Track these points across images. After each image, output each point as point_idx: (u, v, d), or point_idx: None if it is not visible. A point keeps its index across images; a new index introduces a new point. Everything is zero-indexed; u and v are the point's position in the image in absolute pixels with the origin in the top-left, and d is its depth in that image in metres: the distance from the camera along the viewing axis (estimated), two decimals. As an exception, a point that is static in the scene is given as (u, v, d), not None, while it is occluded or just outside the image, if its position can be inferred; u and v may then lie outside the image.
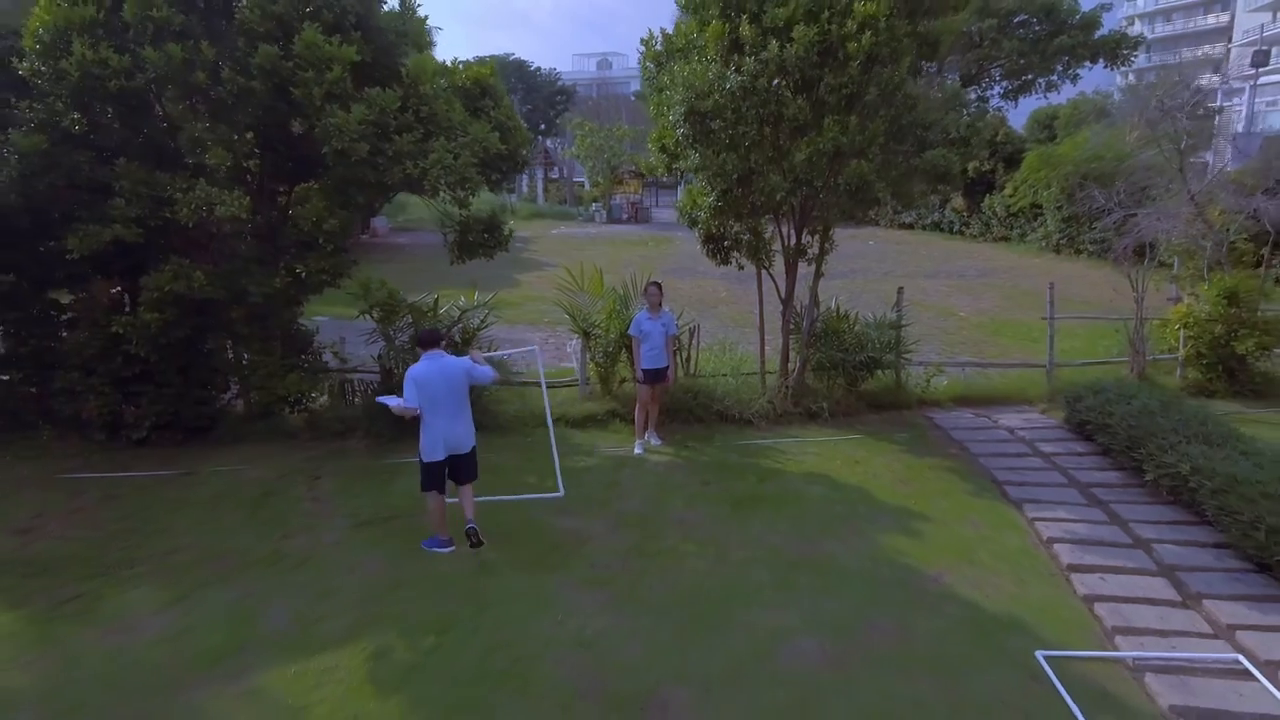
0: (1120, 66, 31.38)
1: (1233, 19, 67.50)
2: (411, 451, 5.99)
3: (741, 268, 8.77)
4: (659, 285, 7.69)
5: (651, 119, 8.43)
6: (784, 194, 7.00)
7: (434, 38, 7.84)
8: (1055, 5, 28.66)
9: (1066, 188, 17.09)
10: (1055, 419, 8.55)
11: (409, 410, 5.38)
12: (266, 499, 6.65)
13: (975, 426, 8.47)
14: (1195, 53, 70.20)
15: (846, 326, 8.70)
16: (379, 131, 6.50)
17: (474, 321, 8.25)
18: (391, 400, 5.54)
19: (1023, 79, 32.64)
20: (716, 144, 7.11)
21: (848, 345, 8.53)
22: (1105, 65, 30.64)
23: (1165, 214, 9.35)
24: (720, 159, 7.21)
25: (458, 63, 8.13)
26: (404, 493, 6.57)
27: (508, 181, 10.67)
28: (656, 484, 6.93)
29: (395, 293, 7.46)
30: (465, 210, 7.65)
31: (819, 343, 8.60)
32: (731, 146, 7.05)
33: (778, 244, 8.44)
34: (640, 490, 6.80)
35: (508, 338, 11.60)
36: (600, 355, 8.67)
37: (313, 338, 8.25)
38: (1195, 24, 72.37)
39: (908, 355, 9.28)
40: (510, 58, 75.74)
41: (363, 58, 6.50)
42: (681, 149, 7.69)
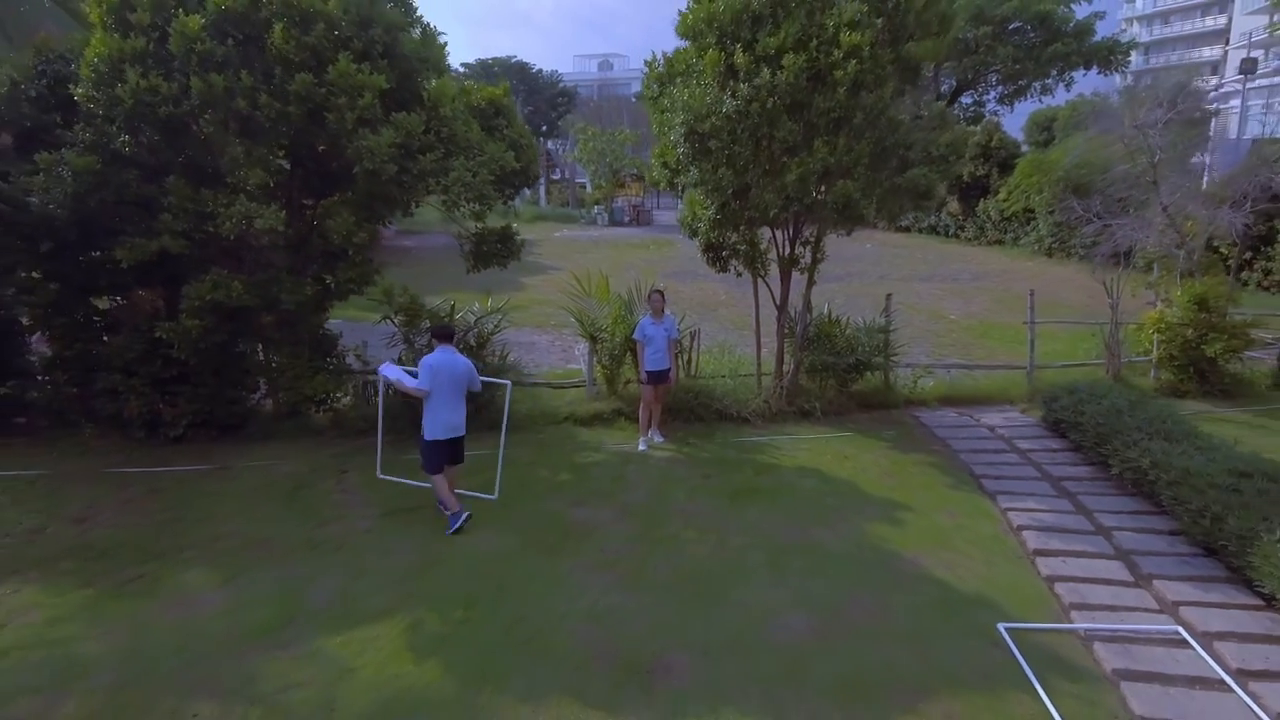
0: (1113, 72, 31.97)
1: (1230, 21, 67.91)
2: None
3: (739, 275, 9.32)
4: (662, 293, 8.24)
5: (654, 136, 8.97)
6: (777, 210, 7.55)
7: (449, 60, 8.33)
8: (1049, 13, 29.29)
9: (1057, 193, 17.61)
10: (1034, 418, 9.10)
11: (416, 390, 6.17)
12: (299, 491, 7.21)
13: (958, 425, 9.02)
14: (1193, 55, 70.76)
15: (838, 331, 9.25)
16: (405, 152, 7.06)
17: (488, 327, 8.78)
18: (393, 372, 6.31)
19: (1018, 84, 33.31)
20: (714, 161, 7.67)
21: (839, 348, 9.08)
22: (1099, 71, 31.25)
23: (1140, 224, 9.88)
24: (718, 175, 7.77)
25: (473, 84, 8.68)
26: (426, 486, 7.12)
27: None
28: (660, 477, 7.49)
29: (417, 299, 8.02)
30: (481, 223, 8.20)
31: (812, 346, 9.15)
32: (728, 164, 7.61)
33: (773, 253, 8.98)
34: (645, 483, 7.35)
35: (516, 340, 12.13)
36: (606, 358, 9.21)
37: (337, 341, 8.79)
38: (1193, 26, 72.75)
39: (895, 358, 9.82)
40: (512, 60, 76.21)
41: (390, 84, 7.05)
42: (682, 165, 8.23)
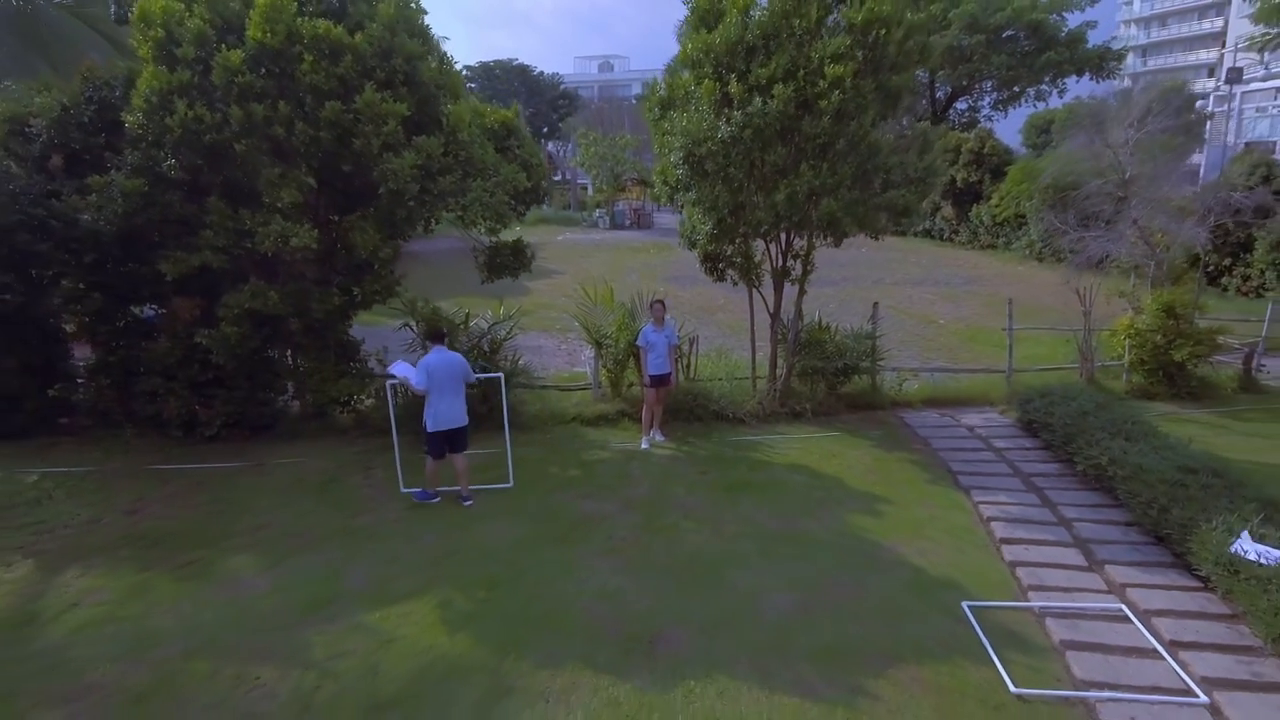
0: (1106, 79, 32.58)
1: (1227, 24, 68.46)
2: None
3: (735, 284, 9.94)
4: (663, 303, 8.85)
5: (656, 154, 9.58)
6: (769, 226, 8.17)
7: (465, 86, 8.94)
8: (1042, 22, 29.90)
9: (1043, 201, 18.23)
10: (1011, 418, 9.71)
11: (415, 389, 7.01)
12: (330, 485, 7.84)
13: (939, 425, 9.64)
14: (1190, 57, 71.35)
15: (827, 337, 9.87)
16: (425, 173, 7.68)
17: (501, 333, 9.40)
18: (401, 369, 7.16)
19: (1012, 90, 33.93)
20: (711, 182, 8.29)
21: (828, 353, 9.70)
22: (1091, 77, 31.86)
23: (1114, 236, 10.50)
24: (714, 194, 8.40)
25: (486, 106, 9.31)
26: (446, 480, 7.74)
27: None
28: (661, 473, 8.11)
29: (438, 310, 8.64)
30: (495, 237, 8.82)
31: (803, 351, 9.77)
32: (724, 184, 8.23)
33: (767, 265, 9.60)
34: (647, 478, 7.97)
35: (523, 344, 12.74)
36: (611, 362, 9.83)
37: (360, 347, 9.40)
38: (1190, 29, 73.27)
39: (882, 362, 10.43)
40: (513, 62, 76.78)
41: (411, 111, 7.67)
42: (682, 184, 8.85)
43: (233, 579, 6.03)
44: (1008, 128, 38.10)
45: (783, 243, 9.20)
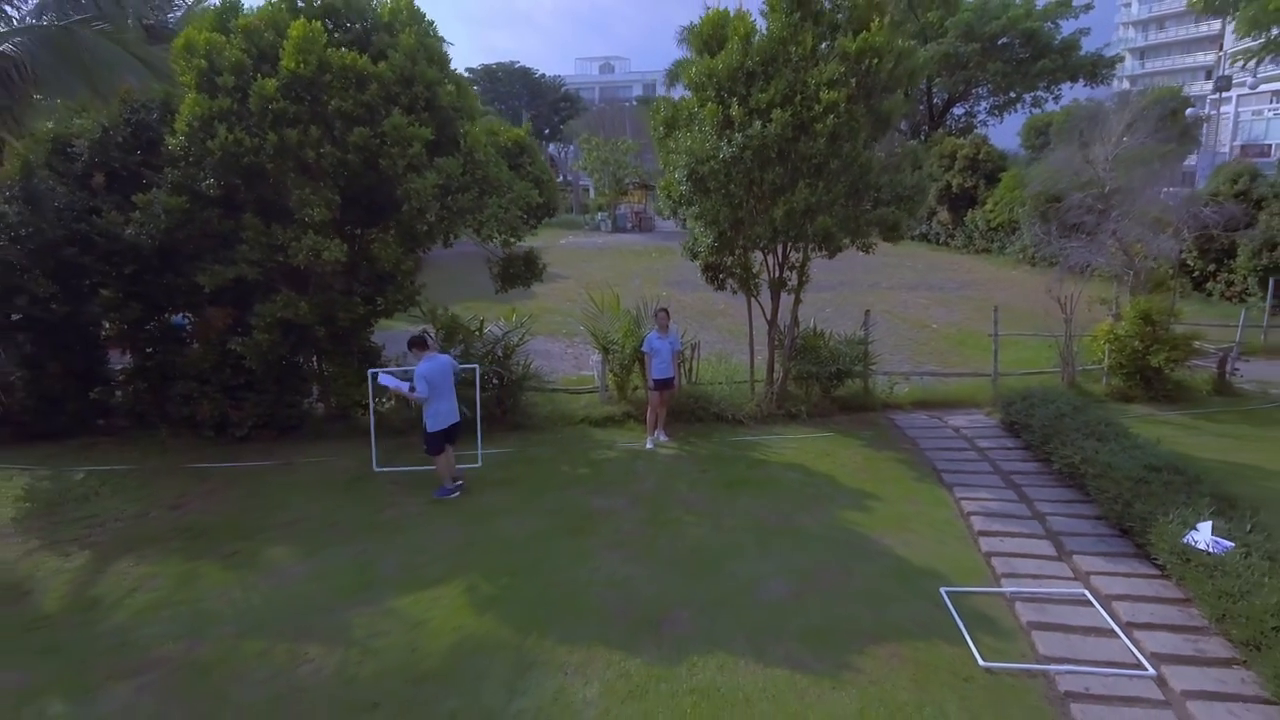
0: (1099, 85, 33.17)
1: (1224, 27, 68.89)
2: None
3: (735, 292, 10.49)
4: (667, 311, 9.42)
5: (660, 170, 10.14)
6: (766, 240, 8.74)
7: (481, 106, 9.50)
8: (1036, 30, 30.47)
9: (1034, 209, 18.79)
10: (995, 420, 10.27)
11: (418, 397, 7.59)
12: (356, 483, 8.39)
13: (927, 426, 10.20)
14: (1188, 60, 71.90)
15: (822, 343, 10.43)
16: (445, 191, 8.24)
17: (514, 340, 9.97)
18: (391, 381, 7.84)
19: (1008, 96, 34.50)
20: (713, 198, 8.85)
21: (823, 358, 10.26)
22: (1085, 84, 32.44)
23: (1096, 246, 11.06)
24: (716, 210, 8.95)
25: (500, 124, 9.86)
26: (465, 477, 8.31)
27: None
28: (665, 471, 8.67)
29: (456, 317, 9.20)
30: (509, 249, 9.39)
31: (799, 356, 10.33)
32: (725, 201, 8.79)
33: (764, 275, 10.16)
34: (652, 476, 8.54)
35: (532, 349, 13.29)
36: (617, 367, 10.39)
37: (381, 352, 9.96)
38: (1188, 32, 73.71)
39: (874, 366, 10.99)
40: (515, 65, 77.34)
41: (432, 134, 8.23)
42: (685, 199, 9.41)
43: (274, 567, 6.60)
44: (1007, 130, 38.75)
45: (780, 255, 9.75)
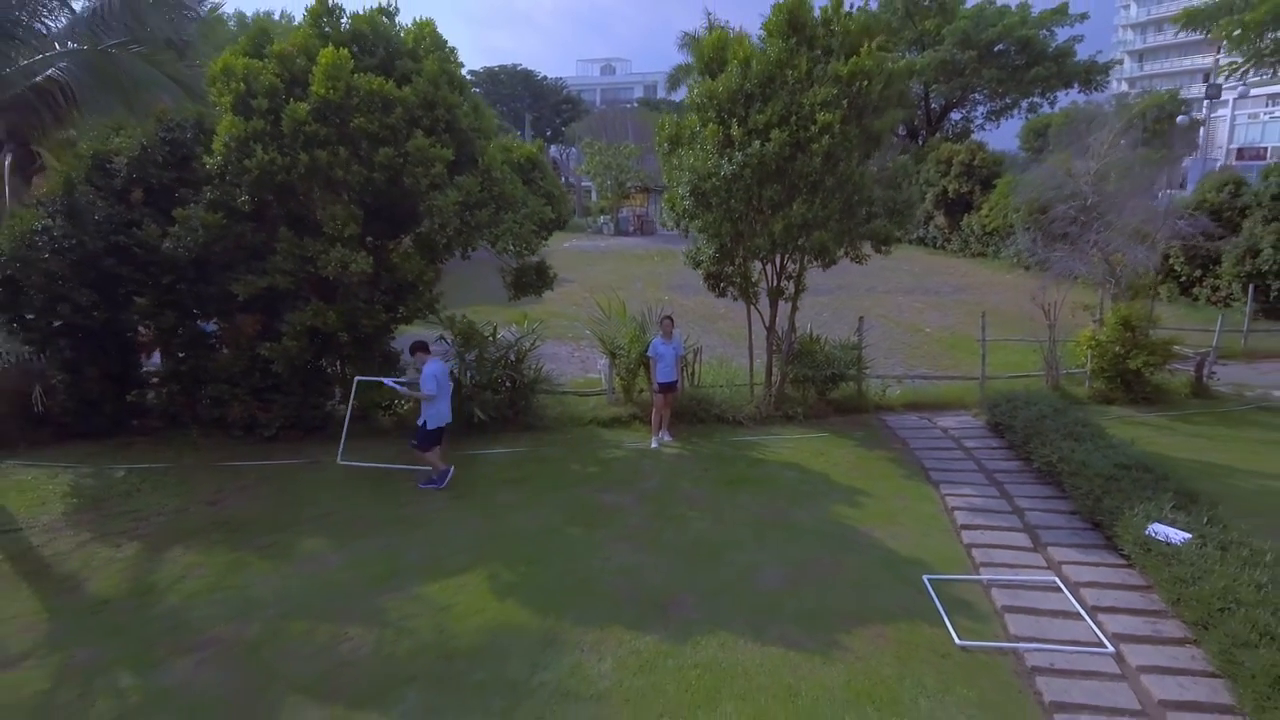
0: (1093, 91, 33.72)
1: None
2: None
3: (735, 299, 11.05)
4: (671, 319, 9.98)
5: (665, 184, 10.70)
6: (765, 252, 9.30)
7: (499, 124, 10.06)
8: (1031, 38, 31.03)
9: (1026, 215, 19.35)
10: (981, 421, 10.83)
11: (430, 395, 8.24)
12: (381, 479, 8.95)
13: (917, 427, 10.76)
14: (1185, 62, 72.43)
15: (818, 348, 10.99)
16: (465, 207, 8.80)
17: (526, 345, 10.52)
18: (397, 385, 8.82)
19: (1004, 101, 35.06)
20: (715, 213, 9.41)
21: (818, 363, 10.82)
22: (1079, 90, 32.99)
23: (1080, 256, 11.62)
24: (717, 223, 9.51)
25: (513, 142, 10.43)
26: (481, 475, 8.89)
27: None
28: (669, 469, 9.23)
29: (474, 324, 9.77)
30: (522, 260, 9.95)
31: (796, 361, 10.89)
32: (726, 216, 9.36)
33: (763, 284, 10.72)
34: (657, 474, 9.09)
35: (540, 352, 13.84)
36: (624, 371, 10.95)
37: (400, 357, 10.52)
38: (1186, 34, 74.03)
39: (867, 370, 11.55)
40: (517, 67, 77.97)
41: (452, 155, 8.78)
42: (688, 212, 9.97)
43: (310, 557, 7.15)
44: (1006, 132, 39.37)
45: (778, 265, 10.31)
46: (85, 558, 7.17)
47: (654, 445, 9.91)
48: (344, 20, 9.16)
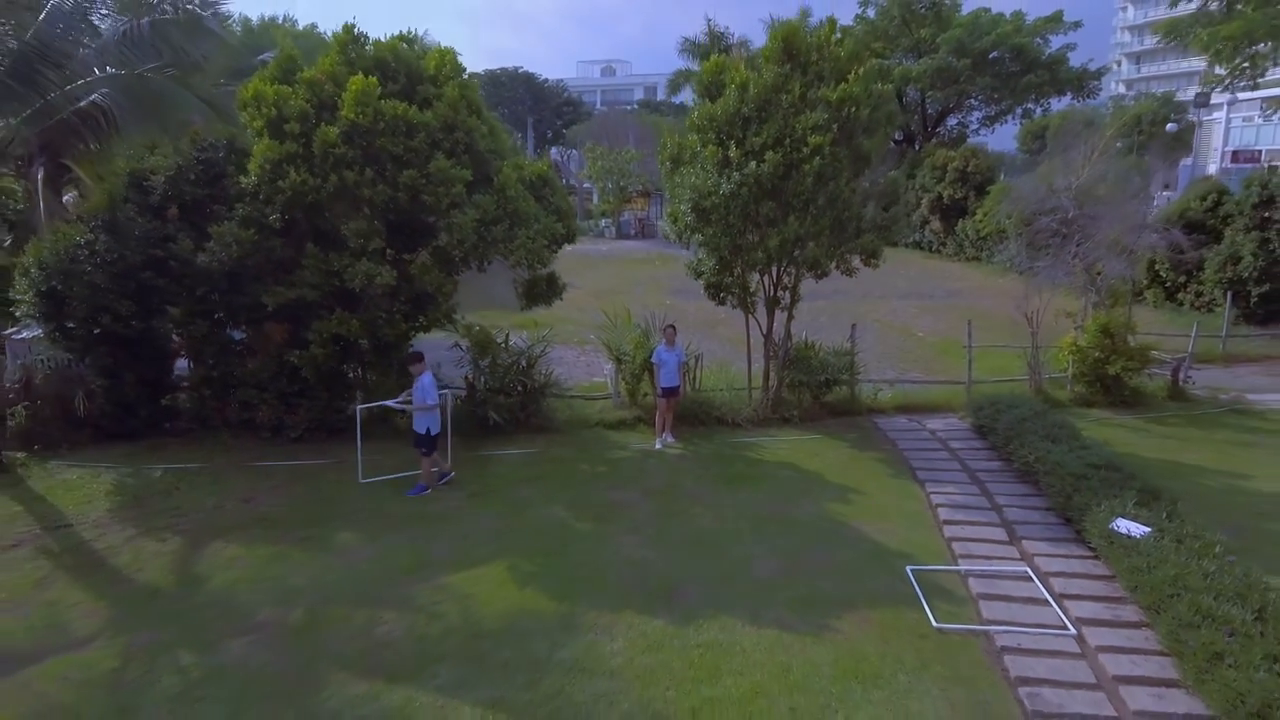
0: (1086, 99, 34.34)
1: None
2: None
3: (734, 307, 11.65)
4: (674, 327, 10.60)
5: (668, 199, 11.30)
6: (762, 264, 9.91)
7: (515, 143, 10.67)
8: (1025, 45, 31.66)
9: (1018, 222, 19.94)
10: (967, 423, 11.43)
11: (432, 406, 8.83)
12: (401, 479, 9.55)
13: (906, 429, 11.37)
14: (1182, 64, 72.96)
15: (812, 354, 11.60)
16: (481, 224, 9.41)
17: (537, 351, 11.13)
18: (393, 404, 9.35)
19: (999, 107, 35.67)
20: (714, 228, 10.03)
21: (813, 368, 11.43)
22: (1072, 97, 33.62)
23: (1062, 266, 12.23)
24: (717, 237, 10.13)
25: (525, 160, 11.04)
26: (498, 475, 9.50)
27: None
28: (672, 468, 9.84)
29: (489, 332, 10.38)
30: (533, 272, 10.56)
31: (792, 366, 11.50)
32: (724, 231, 9.97)
33: (761, 293, 11.33)
34: (661, 473, 9.71)
35: (547, 356, 14.45)
36: (629, 375, 11.57)
37: (417, 362, 11.12)
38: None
39: (859, 375, 12.15)
40: (519, 70, 78.49)
41: (470, 176, 9.39)
42: (690, 227, 10.58)
43: (342, 550, 7.76)
44: (1005, 134, 40.05)
45: (774, 276, 10.93)
46: (135, 551, 7.77)
47: (658, 446, 10.52)
48: (368, 47, 9.76)
